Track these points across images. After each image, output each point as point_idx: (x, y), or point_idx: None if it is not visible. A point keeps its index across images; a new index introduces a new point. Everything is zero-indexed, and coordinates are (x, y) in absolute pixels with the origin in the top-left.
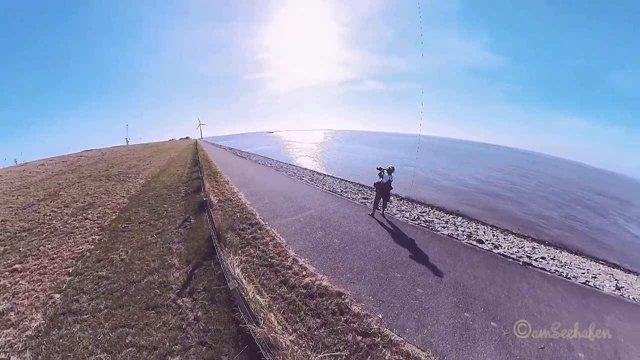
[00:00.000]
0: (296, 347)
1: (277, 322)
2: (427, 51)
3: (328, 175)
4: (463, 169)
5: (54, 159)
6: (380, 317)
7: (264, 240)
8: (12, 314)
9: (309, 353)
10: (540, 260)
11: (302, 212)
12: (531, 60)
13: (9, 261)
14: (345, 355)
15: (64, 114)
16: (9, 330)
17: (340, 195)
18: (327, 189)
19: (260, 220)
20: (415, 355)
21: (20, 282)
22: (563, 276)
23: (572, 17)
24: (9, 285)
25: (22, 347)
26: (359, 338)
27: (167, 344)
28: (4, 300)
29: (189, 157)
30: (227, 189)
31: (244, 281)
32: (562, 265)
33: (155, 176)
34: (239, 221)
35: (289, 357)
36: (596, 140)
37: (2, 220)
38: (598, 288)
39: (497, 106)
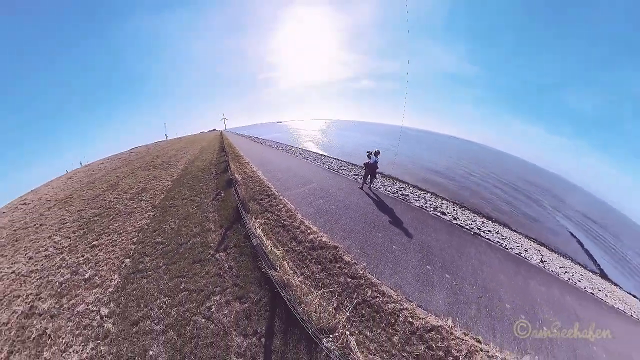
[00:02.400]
0: (303, 285)
1: (289, 267)
2: (412, 58)
3: (327, 156)
4: (435, 157)
5: (111, 157)
6: (365, 265)
7: (278, 207)
8: (96, 277)
9: (312, 289)
10: (487, 232)
11: (307, 185)
12: (499, 72)
13: (88, 240)
14: (338, 292)
15: (116, 118)
16: (96, 290)
17: (337, 172)
18: (327, 167)
19: (275, 192)
20: (389, 294)
21: (99, 254)
22: (502, 246)
23: (535, 39)
24: (91, 257)
25: (107, 300)
26: (349, 280)
27: (210, 287)
28: (89, 269)
29: (216, 145)
30: (248, 169)
31: (263, 238)
32: (502, 238)
33: (191, 162)
34: (258, 193)
35: (298, 293)
36: (545, 145)
37: (79, 210)
38: (527, 259)
39: (466, 107)
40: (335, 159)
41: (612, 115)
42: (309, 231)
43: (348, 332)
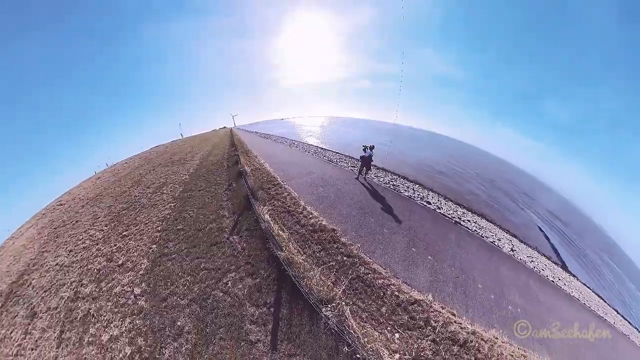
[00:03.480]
0: (306, 263)
1: (294, 248)
2: (406, 60)
3: (326, 149)
4: (424, 152)
5: (133, 157)
6: (359, 245)
7: (283, 195)
8: (128, 263)
9: (314, 266)
10: (467, 221)
11: (309, 175)
12: (486, 78)
13: (119, 231)
14: (336, 268)
15: (134, 120)
16: (129, 273)
17: (335, 163)
18: (326, 159)
19: (280, 181)
20: (379, 271)
21: (129, 242)
22: (479, 235)
23: (523, 49)
24: (122, 246)
25: (139, 281)
26: (345, 258)
27: (226, 265)
28: (122, 256)
29: (227, 141)
30: (256, 162)
31: (271, 223)
32: (480, 228)
33: (205, 157)
34: (265, 183)
35: (301, 269)
36: (521, 147)
37: (109, 206)
38: (500, 247)
39: (453, 107)
40: (333, 151)
41: (585, 126)
42: (310, 216)
43: (344, 303)
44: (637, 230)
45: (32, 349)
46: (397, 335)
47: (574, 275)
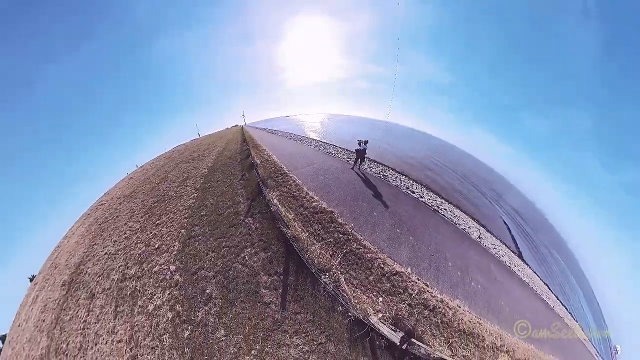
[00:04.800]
0: (308, 239)
1: (298, 227)
2: (400, 65)
3: (326, 143)
4: (409, 147)
5: (158, 156)
6: (352, 225)
7: (289, 183)
8: (163, 246)
9: (315, 242)
10: (444, 210)
11: (311, 165)
12: (471, 87)
13: (153, 221)
14: (333, 244)
15: (155, 122)
16: (164, 255)
17: (334, 155)
18: (326, 151)
19: (286, 171)
20: (368, 246)
21: (162, 229)
22: (453, 222)
23: (508, 64)
24: (157, 232)
25: (173, 260)
26: (341, 235)
27: (243, 243)
28: (157, 241)
29: (239, 137)
30: (265, 154)
31: (279, 206)
32: (454, 216)
33: (220, 152)
34: (273, 173)
35: (305, 244)
36: (497, 152)
37: (142, 200)
38: (469, 234)
39: (438, 111)
40: (332, 145)
41: (555, 141)
42: (312, 200)
43: (339, 272)
44: (582, 232)
45: (94, 323)
46: (380, 299)
47: (527, 264)
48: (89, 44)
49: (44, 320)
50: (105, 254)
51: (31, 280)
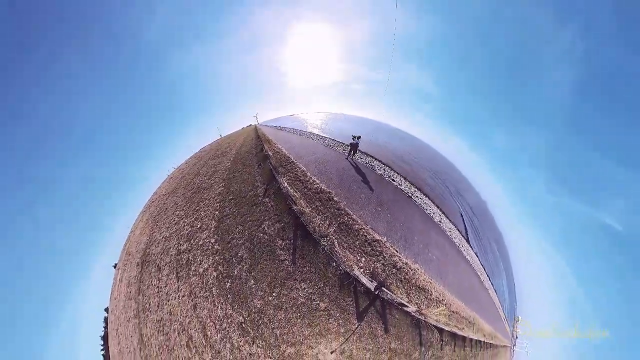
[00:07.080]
0: (311, 213)
1: (304, 203)
2: (392, 71)
3: (326, 137)
4: (394, 143)
5: (190, 157)
6: (345, 203)
7: (295, 169)
8: (203, 225)
9: (316, 215)
10: (416, 197)
11: (313, 155)
12: (453, 100)
13: (192, 207)
14: (330, 217)
15: (182, 129)
16: (205, 231)
17: (332, 147)
18: (325, 144)
19: (293, 160)
20: (356, 219)
21: (201, 213)
22: (422, 207)
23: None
24: (198, 216)
25: (212, 234)
26: (335, 211)
27: (262, 217)
28: (198, 222)
29: (253, 134)
30: (275, 147)
31: (289, 188)
32: (424, 203)
33: (239, 148)
34: (283, 162)
35: (309, 216)
36: (468, 158)
37: (183, 194)
38: (433, 218)
39: (420, 115)
40: (330, 139)
41: (514, 157)
42: (314, 183)
43: (334, 237)
44: (516, 233)
45: (164, 286)
46: (363, 258)
47: (471, 247)
48: (114, 69)
49: (130, 291)
50: (163, 237)
51: (114, 267)
